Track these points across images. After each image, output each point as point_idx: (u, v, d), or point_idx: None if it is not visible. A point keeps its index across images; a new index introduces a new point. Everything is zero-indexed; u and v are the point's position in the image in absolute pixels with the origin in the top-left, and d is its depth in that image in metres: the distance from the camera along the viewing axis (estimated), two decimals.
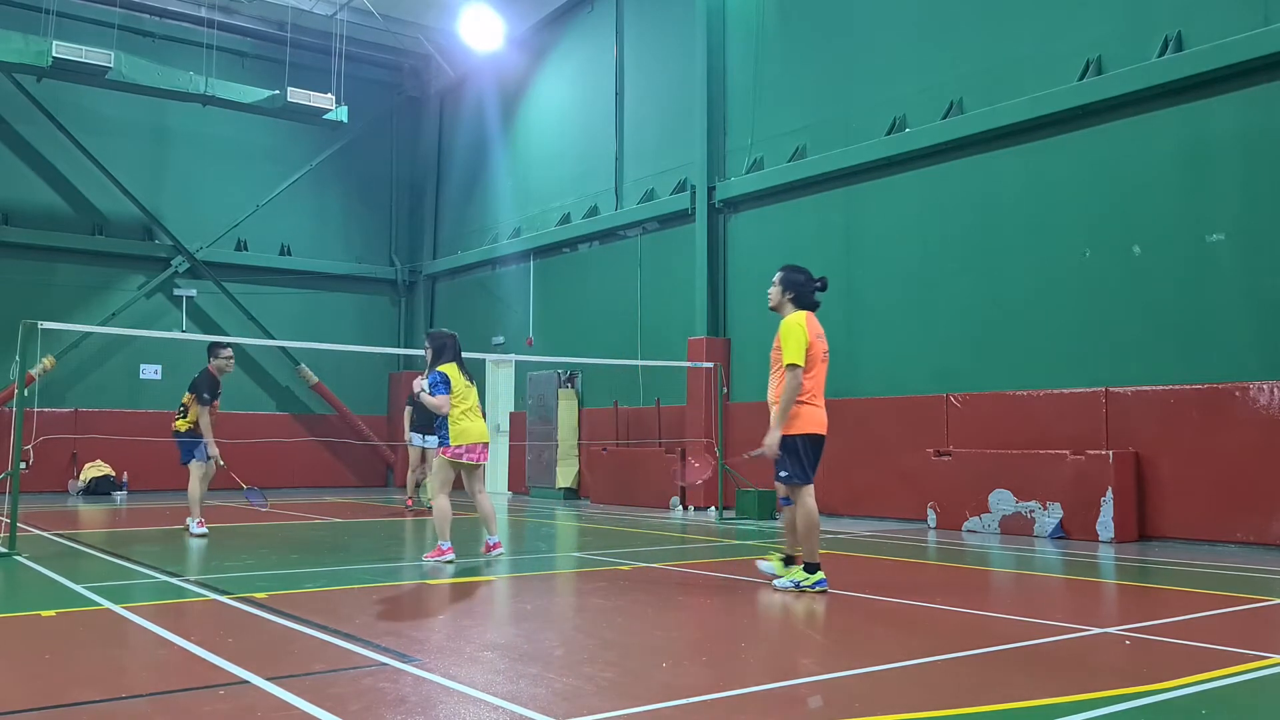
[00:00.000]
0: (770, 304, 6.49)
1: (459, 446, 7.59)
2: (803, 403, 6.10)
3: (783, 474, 6.19)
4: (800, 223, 13.34)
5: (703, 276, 14.31)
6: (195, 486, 10.30)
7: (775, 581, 6.29)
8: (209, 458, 10.27)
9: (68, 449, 16.89)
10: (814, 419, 6.13)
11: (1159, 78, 9.73)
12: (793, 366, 6.05)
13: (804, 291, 6.32)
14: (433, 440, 13.61)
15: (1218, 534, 9.08)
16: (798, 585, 6.11)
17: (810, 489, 6.18)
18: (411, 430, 13.48)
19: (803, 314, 6.23)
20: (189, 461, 10.36)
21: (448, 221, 20.94)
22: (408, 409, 13.52)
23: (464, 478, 7.80)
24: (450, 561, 7.59)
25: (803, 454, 6.12)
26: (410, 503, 14.04)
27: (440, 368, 7.77)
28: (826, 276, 6.48)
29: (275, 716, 3.36)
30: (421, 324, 21.01)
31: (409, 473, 13.88)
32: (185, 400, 10.68)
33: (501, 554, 7.86)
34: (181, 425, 10.57)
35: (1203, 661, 4.28)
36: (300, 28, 19.04)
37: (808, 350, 6.07)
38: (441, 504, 7.70)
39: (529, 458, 17.05)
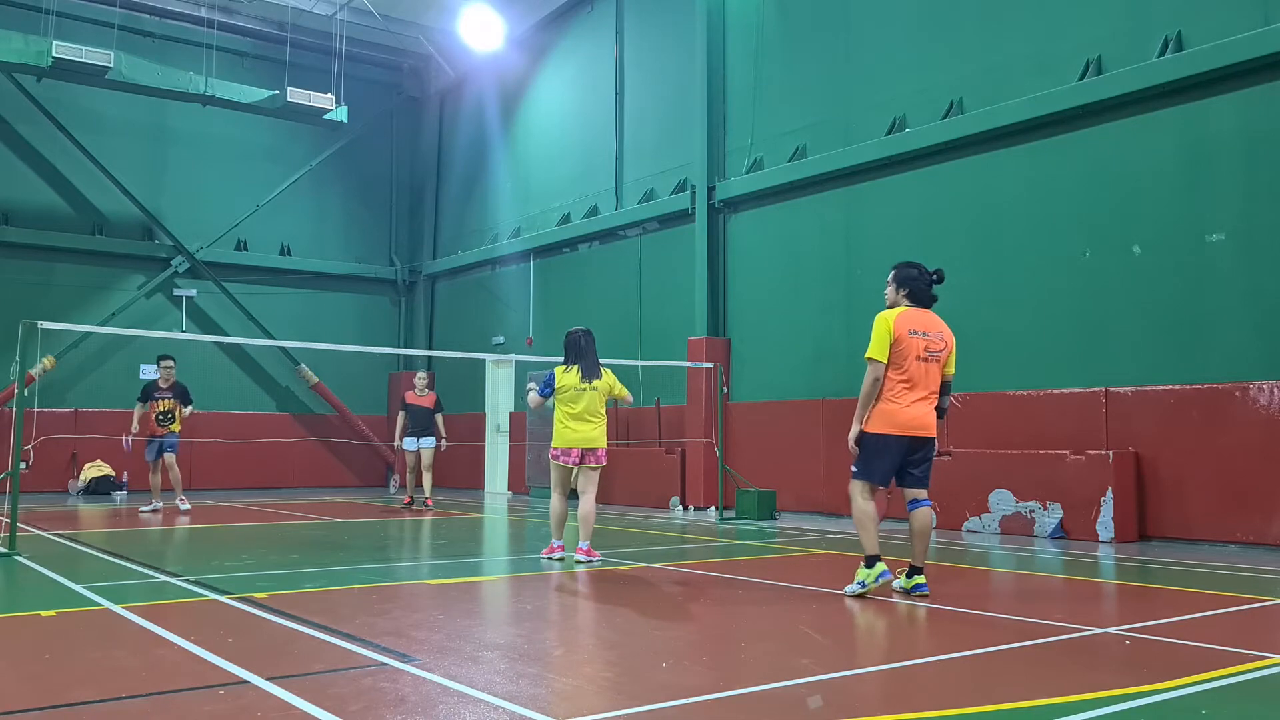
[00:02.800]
0: (887, 303, 6.32)
1: (555, 449, 7.87)
2: (885, 400, 5.93)
3: (853, 468, 6.10)
4: (800, 223, 13.34)
5: (703, 276, 14.31)
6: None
7: (846, 588, 6.05)
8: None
9: (68, 449, 16.89)
10: (892, 418, 5.90)
11: (1159, 78, 9.73)
12: (869, 361, 5.96)
13: (917, 286, 6.16)
14: (427, 442, 13.84)
15: (1218, 534, 9.09)
16: (863, 585, 5.91)
17: (862, 485, 6.00)
18: (406, 436, 13.95)
19: (896, 310, 6.06)
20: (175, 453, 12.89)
21: (448, 221, 20.94)
22: (401, 414, 14.05)
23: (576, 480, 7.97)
24: (560, 559, 7.74)
25: (873, 452, 5.95)
26: (409, 500, 14.16)
27: (558, 368, 7.96)
28: (943, 269, 6.26)
29: (275, 716, 3.36)
30: (421, 324, 21.02)
31: (408, 473, 14.12)
32: (171, 406, 12.80)
33: (582, 560, 7.62)
34: (177, 427, 12.83)
35: (1203, 661, 4.28)
36: (300, 28, 19.03)
37: (896, 346, 5.93)
38: (552, 504, 7.96)
39: (529, 458, 17.05)
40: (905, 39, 12.26)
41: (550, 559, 7.77)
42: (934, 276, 6.17)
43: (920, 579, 6.02)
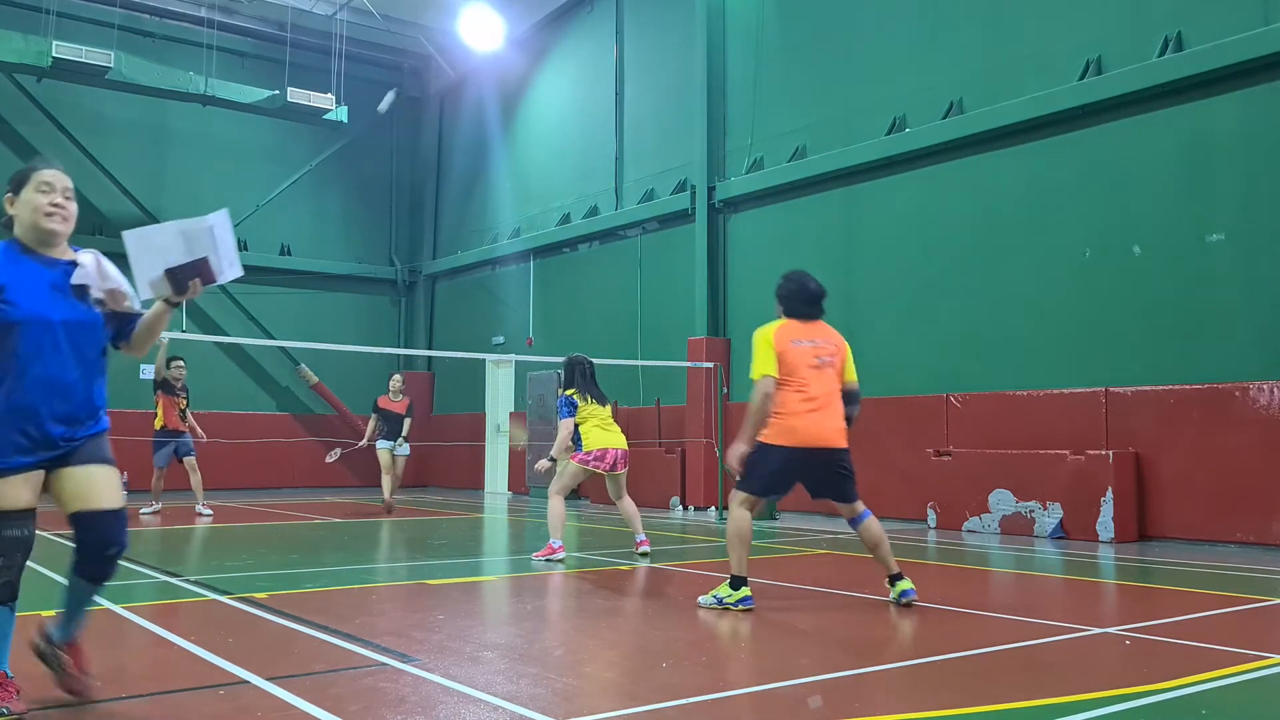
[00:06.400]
0: None
1: (587, 454, 7.97)
2: (783, 416, 5.58)
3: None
4: (800, 223, 13.34)
5: (703, 276, 14.31)
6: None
7: (700, 598, 5.71)
8: None
9: None
10: (792, 433, 5.57)
11: (1159, 78, 9.73)
12: (755, 381, 5.62)
13: (790, 304, 5.86)
14: (403, 449, 13.49)
15: (1218, 534, 9.08)
16: (720, 601, 5.54)
17: (742, 497, 5.65)
18: (382, 438, 13.58)
19: (776, 324, 5.78)
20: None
21: (448, 221, 20.94)
22: (373, 417, 13.62)
23: (607, 486, 8.27)
24: (561, 560, 7.75)
25: (758, 461, 5.62)
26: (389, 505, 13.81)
27: (566, 392, 8.21)
28: (813, 279, 5.93)
29: (275, 717, 3.36)
30: (421, 324, 21.01)
31: (383, 476, 13.77)
32: (185, 405, 12.47)
33: (648, 551, 8.12)
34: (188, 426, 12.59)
35: (1203, 661, 4.28)
36: (300, 28, 19.04)
37: (782, 359, 5.60)
38: (556, 505, 8.05)
39: (529, 458, 17.05)
40: (905, 39, 12.26)
41: (551, 560, 7.76)
42: (809, 293, 5.83)
43: (904, 584, 5.72)
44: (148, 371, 17.94)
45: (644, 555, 8.05)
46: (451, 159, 20.99)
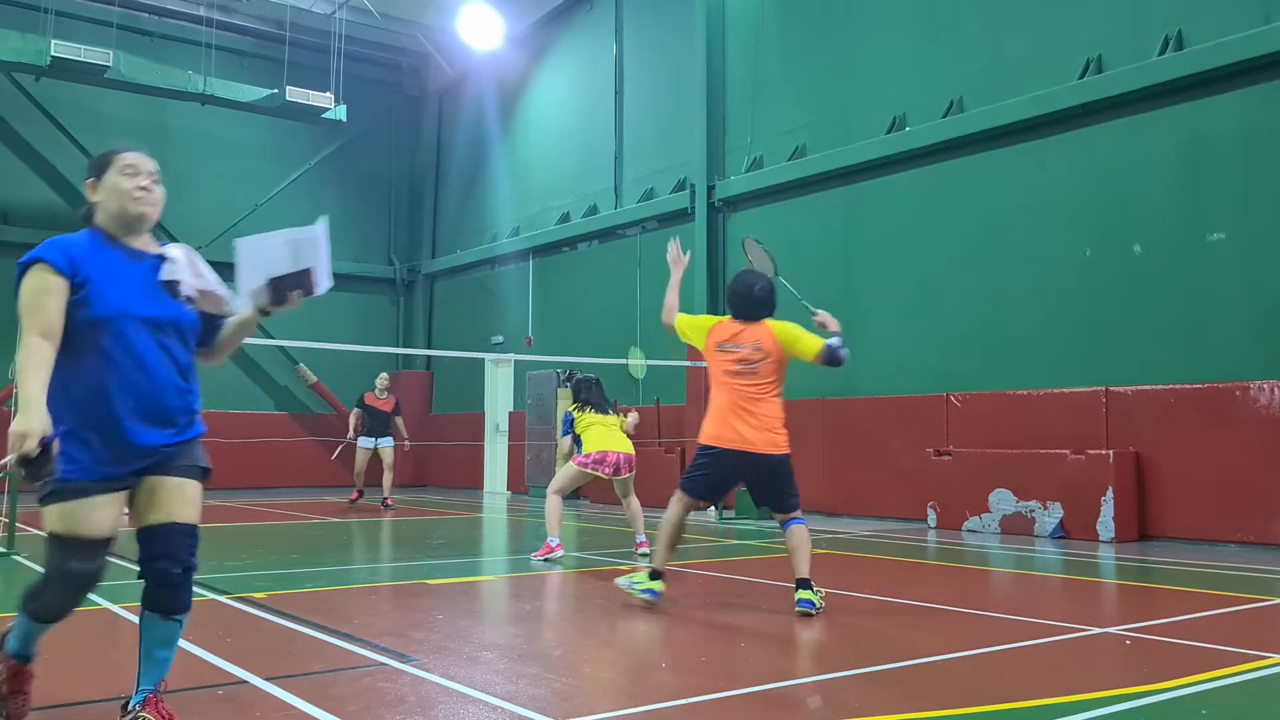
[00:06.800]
0: None
1: (586, 456, 8.06)
2: (710, 417, 5.78)
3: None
4: (800, 222, 13.33)
5: (702, 276, 14.29)
6: None
7: (617, 580, 5.88)
8: None
9: None
10: (709, 431, 5.73)
11: (1159, 76, 9.73)
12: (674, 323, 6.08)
13: (734, 304, 5.85)
14: (385, 442, 13.82)
15: (1218, 534, 9.08)
16: (631, 584, 5.70)
17: (678, 494, 5.80)
18: (362, 435, 13.98)
19: (720, 319, 5.90)
20: None
21: (447, 221, 20.92)
22: (357, 411, 14.04)
23: (614, 486, 8.35)
24: (560, 559, 7.79)
25: (697, 464, 5.80)
26: (356, 498, 14.09)
27: (569, 408, 8.50)
28: (760, 283, 5.84)
29: (274, 716, 3.35)
30: (420, 323, 20.99)
31: (355, 472, 14.03)
32: None
33: (648, 552, 7.91)
34: None
35: (1203, 661, 4.27)
36: (299, 26, 19.02)
37: (707, 355, 5.87)
38: (553, 503, 8.13)
39: (528, 457, 17.03)
40: (905, 38, 12.25)
41: (549, 559, 7.76)
42: (752, 296, 5.77)
43: (805, 594, 5.42)
44: None
45: (644, 556, 8.03)
46: (450, 158, 20.97)
